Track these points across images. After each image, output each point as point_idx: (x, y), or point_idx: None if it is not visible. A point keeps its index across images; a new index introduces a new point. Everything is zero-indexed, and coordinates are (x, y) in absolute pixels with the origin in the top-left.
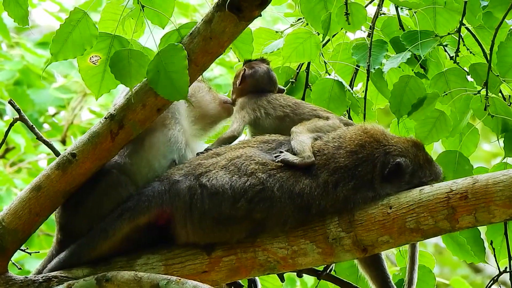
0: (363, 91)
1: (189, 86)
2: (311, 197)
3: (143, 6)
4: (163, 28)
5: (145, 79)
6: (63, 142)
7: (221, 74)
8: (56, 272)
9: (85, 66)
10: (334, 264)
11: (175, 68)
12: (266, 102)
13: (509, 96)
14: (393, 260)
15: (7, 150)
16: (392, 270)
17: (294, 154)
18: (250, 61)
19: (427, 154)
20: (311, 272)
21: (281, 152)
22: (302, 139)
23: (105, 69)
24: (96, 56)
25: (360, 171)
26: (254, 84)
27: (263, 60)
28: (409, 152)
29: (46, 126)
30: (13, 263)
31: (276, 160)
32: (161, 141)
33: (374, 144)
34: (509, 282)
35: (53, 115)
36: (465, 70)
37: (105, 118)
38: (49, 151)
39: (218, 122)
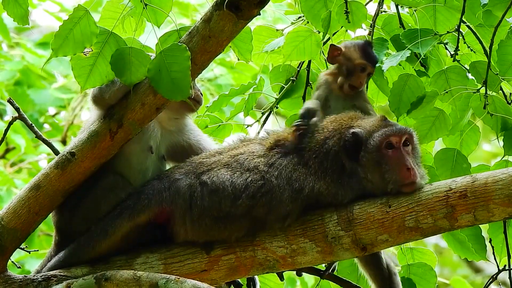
0: None
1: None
2: (305, 182)
3: (146, 4)
4: (159, 27)
5: (145, 77)
6: (64, 142)
7: (221, 74)
8: (55, 271)
9: (77, 56)
10: (336, 264)
11: (178, 68)
12: None
13: (510, 94)
14: (394, 261)
15: (8, 151)
16: None
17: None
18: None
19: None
20: (314, 272)
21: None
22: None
23: (94, 63)
24: (88, 48)
25: (330, 147)
26: None
27: None
28: (372, 125)
29: (46, 126)
30: (12, 262)
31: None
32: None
33: (344, 123)
34: (508, 281)
35: (54, 115)
36: (465, 68)
37: (104, 117)
38: (50, 151)
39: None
